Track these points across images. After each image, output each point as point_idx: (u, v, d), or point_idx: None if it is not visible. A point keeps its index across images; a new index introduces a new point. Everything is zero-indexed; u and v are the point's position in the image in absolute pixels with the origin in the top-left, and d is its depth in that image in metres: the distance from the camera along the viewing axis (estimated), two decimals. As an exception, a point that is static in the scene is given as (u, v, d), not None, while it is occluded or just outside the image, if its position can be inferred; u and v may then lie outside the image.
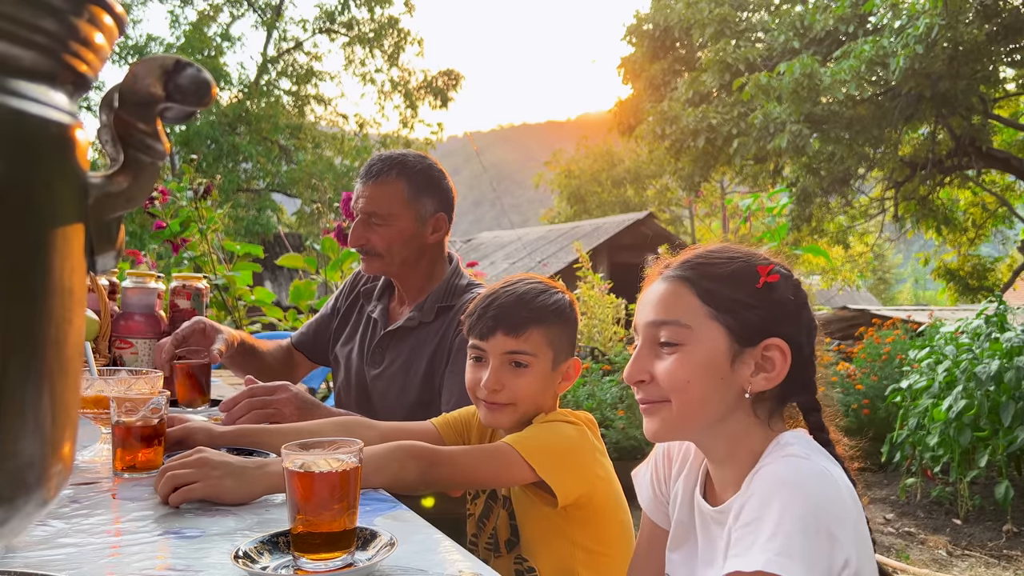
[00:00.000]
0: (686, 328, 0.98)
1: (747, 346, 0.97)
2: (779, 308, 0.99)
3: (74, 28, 0.43)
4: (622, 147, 25.65)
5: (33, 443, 0.42)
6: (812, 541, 0.82)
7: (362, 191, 1.81)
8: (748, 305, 0.98)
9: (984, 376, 4.22)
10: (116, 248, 0.50)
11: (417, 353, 1.81)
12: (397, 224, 1.79)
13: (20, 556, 0.88)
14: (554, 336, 1.34)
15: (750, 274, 0.99)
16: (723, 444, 1.00)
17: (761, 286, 0.98)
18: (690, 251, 1.05)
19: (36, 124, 0.42)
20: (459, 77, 19.38)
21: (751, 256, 1.02)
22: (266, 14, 18.52)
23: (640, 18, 13.20)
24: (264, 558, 0.89)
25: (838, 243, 12.95)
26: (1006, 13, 8.88)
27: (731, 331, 0.97)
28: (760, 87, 9.62)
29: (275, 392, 1.54)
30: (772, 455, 0.94)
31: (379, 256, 1.81)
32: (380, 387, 1.85)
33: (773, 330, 0.97)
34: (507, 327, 1.32)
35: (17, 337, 0.41)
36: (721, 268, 1.00)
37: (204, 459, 1.12)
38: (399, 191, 1.79)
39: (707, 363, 0.97)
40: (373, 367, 1.88)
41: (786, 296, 1.00)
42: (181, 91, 0.48)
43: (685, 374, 0.97)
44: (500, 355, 1.32)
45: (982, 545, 4.13)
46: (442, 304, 1.83)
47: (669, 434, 1.02)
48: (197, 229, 3.75)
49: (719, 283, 0.99)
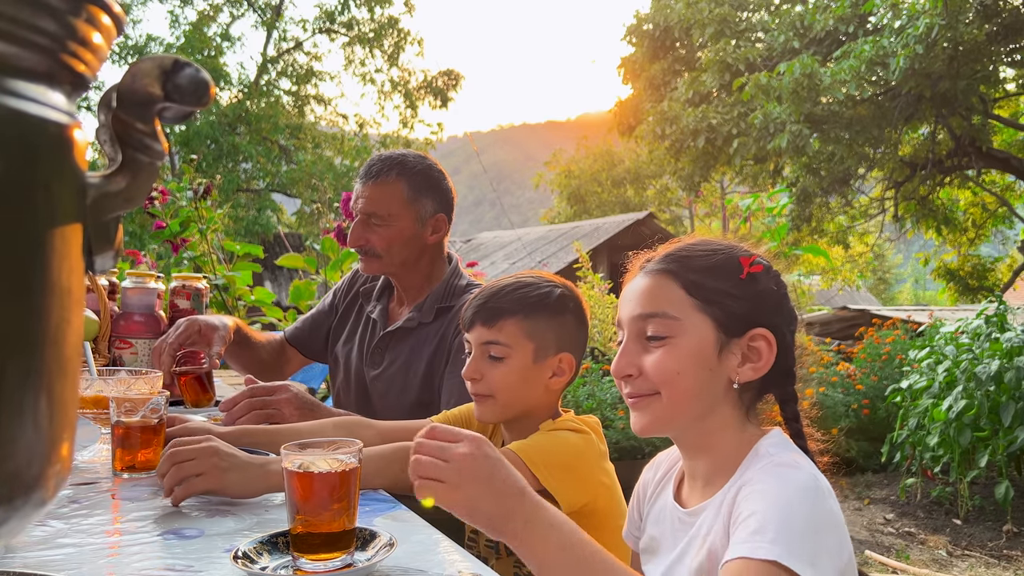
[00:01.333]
0: (674, 320, 0.98)
1: (733, 337, 0.98)
2: (763, 298, 1.00)
3: (72, 28, 0.43)
4: (622, 147, 25.65)
5: (31, 444, 0.42)
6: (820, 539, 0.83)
7: (362, 191, 1.81)
8: (733, 296, 0.98)
9: (984, 376, 4.22)
10: (114, 248, 0.50)
11: (416, 354, 1.81)
12: (397, 224, 1.79)
13: (19, 556, 0.88)
14: (534, 328, 1.32)
15: (733, 265, 1.00)
16: (704, 437, 1.00)
17: (745, 276, 0.99)
18: (671, 244, 1.06)
19: (34, 124, 0.42)
20: (459, 77, 19.39)
21: (732, 248, 1.03)
22: (266, 14, 18.52)
23: (640, 18, 13.20)
24: (263, 558, 0.89)
25: (838, 243, 12.94)
26: (1006, 13, 8.88)
27: (718, 322, 0.97)
28: (760, 87, 9.62)
29: (275, 392, 1.54)
30: (758, 467, 0.93)
31: (378, 257, 1.81)
32: (380, 388, 1.84)
33: (758, 320, 0.98)
34: (483, 318, 1.33)
35: (15, 337, 0.41)
36: (704, 260, 1.01)
37: (213, 448, 1.12)
38: (399, 192, 1.79)
39: (696, 354, 0.97)
40: (373, 368, 1.87)
41: (769, 286, 1.01)
42: (179, 91, 0.48)
43: (675, 366, 0.97)
44: (479, 345, 1.33)
45: (982, 545, 4.13)
46: (441, 304, 1.82)
47: (658, 427, 1.01)
48: (197, 229, 3.74)
49: (703, 275, 0.99)
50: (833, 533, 0.85)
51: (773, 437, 0.98)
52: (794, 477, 0.88)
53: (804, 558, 0.80)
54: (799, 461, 0.92)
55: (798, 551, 0.80)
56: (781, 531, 0.82)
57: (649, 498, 1.14)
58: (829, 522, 0.86)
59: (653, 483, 1.14)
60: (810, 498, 0.86)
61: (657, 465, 1.16)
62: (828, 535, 0.84)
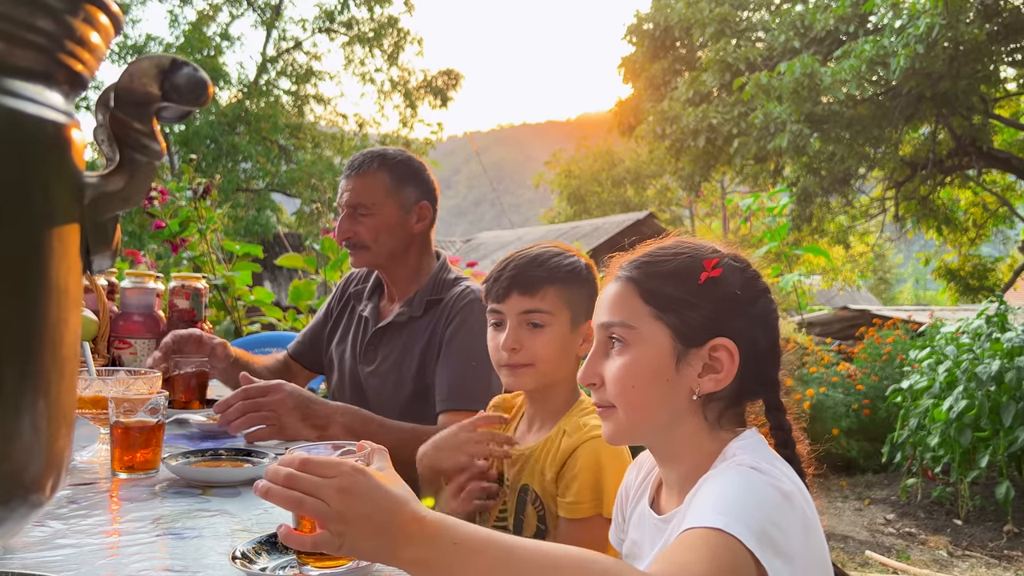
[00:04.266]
0: (630, 329, 0.95)
1: (692, 346, 0.93)
2: (725, 304, 0.94)
3: (70, 27, 0.43)
4: (622, 147, 25.64)
5: (28, 444, 0.42)
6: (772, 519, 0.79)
7: (346, 186, 1.85)
8: (690, 303, 0.94)
9: (985, 376, 4.22)
10: (112, 248, 0.49)
11: (409, 348, 1.82)
12: (382, 213, 1.83)
13: (18, 557, 0.88)
14: (571, 296, 1.35)
15: (694, 269, 0.95)
16: (674, 446, 0.98)
17: (703, 282, 0.94)
18: (643, 247, 1.02)
19: (32, 124, 0.42)
20: (459, 77, 19.37)
21: (698, 250, 0.98)
22: (265, 14, 18.50)
23: (640, 18, 13.20)
24: (262, 559, 0.89)
25: (839, 243, 12.95)
26: (1006, 13, 8.88)
27: (675, 331, 0.94)
28: (760, 87, 9.61)
29: (269, 392, 1.53)
30: (720, 467, 0.90)
31: (366, 248, 1.84)
32: (374, 384, 1.85)
33: (719, 328, 0.93)
34: (522, 287, 1.33)
35: (12, 337, 0.41)
36: (664, 266, 0.97)
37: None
38: (381, 181, 1.83)
39: (651, 366, 0.94)
40: (366, 365, 1.88)
41: (731, 291, 0.94)
42: (177, 90, 0.48)
43: (630, 378, 0.94)
44: (517, 315, 1.34)
45: (983, 545, 4.13)
46: (431, 298, 1.84)
47: (621, 438, 1.00)
48: (196, 229, 3.74)
49: (662, 281, 0.96)
50: (793, 526, 0.81)
51: (743, 439, 0.94)
52: (752, 476, 0.84)
53: (752, 529, 0.76)
54: (763, 466, 0.86)
55: (746, 520, 0.77)
56: (730, 505, 0.79)
57: (631, 500, 1.13)
58: (788, 513, 0.81)
59: (635, 486, 1.13)
60: (766, 490, 0.82)
61: (640, 465, 1.15)
62: (787, 524, 0.80)
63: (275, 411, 1.51)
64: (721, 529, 0.76)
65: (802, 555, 0.80)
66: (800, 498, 0.84)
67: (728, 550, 0.75)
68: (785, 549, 0.78)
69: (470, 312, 1.77)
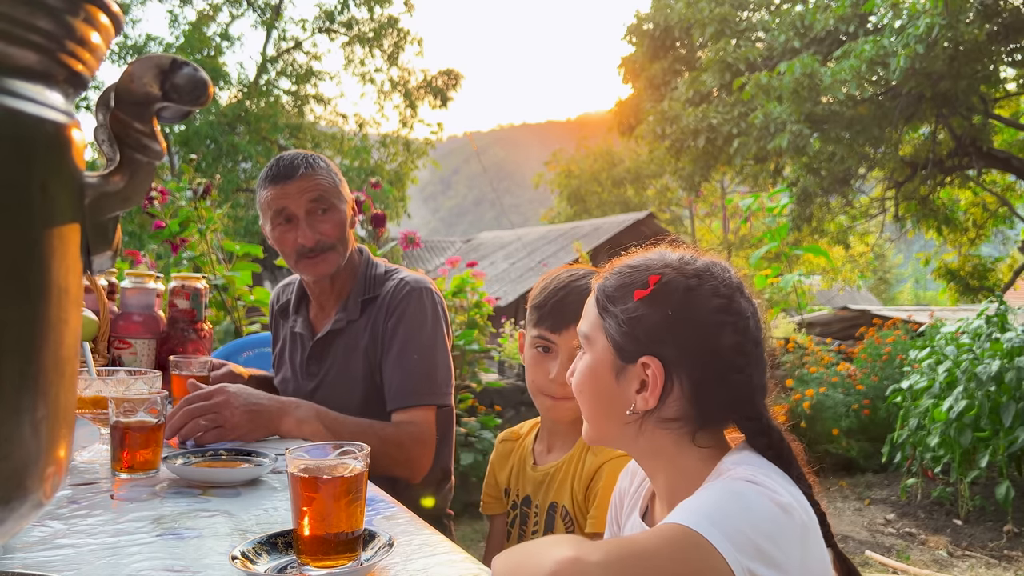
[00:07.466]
0: (586, 338, 1.00)
1: (628, 362, 0.94)
2: (656, 324, 0.92)
3: (70, 27, 0.43)
4: (622, 147, 25.65)
5: (28, 445, 0.42)
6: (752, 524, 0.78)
7: (291, 190, 1.74)
8: (623, 319, 0.94)
9: (985, 376, 4.22)
10: (112, 248, 0.49)
11: (353, 351, 1.80)
12: (341, 209, 1.80)
13: (18, 557, 0.88)
14: None
15: (635, 286, 0.94)
16: (644, 460, 1.00)
17: (637, 299, 0.93)
18: (626, 256, 1.02)
19: (32, 124, 0.42)
20: (459, 77, 19.36)
21: (648, 266, 0.96)
22: (265, 14, 18.50)
23: (640, 17, 13.20)
24: (262, 559, 0.89)
25: (839, 243, 12.95)
26: (1006, 13, 8.87)
27: (613, 345, 0.95)
28: (760, 87, 9.61)
29: (212, 397, 1.50)
30: (710, 481, 0.89)
31: (333, 248, 1.78)
32: (322, 396, 1.78)
33: (648, 348, 0.92)
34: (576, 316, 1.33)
35: (12, 337, 0.41)
36: (618, 278, 0.97)
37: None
38: (327, 178, 1.80)
39: (593, 375, 0.97)
40: (310, 380, 1.86)
41: (661, 313, 0.91)
42: (177, 90, 0.48)
43: (580, 383, 0.99)
44: (573, 349, 1.33)
45: (983, 545, 4.13)
46: (365, 297, 1.82)
47: (591, 441, 1.03)
48: (196, 229, 3.74)
49: (611, 295, 0.97)
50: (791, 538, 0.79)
51: (738, 453, 0.91)
52: (745, 488, 0.82)
53: (727, 533, 0.75)
54: (760, 478, 0.83)
55: (720, 523, 0.75)
56: (704, 510, 0.78)
57: (625, 508, 1.13)
58: (786, 525, 0.79)
59: (629, 494, 1.13)
60: (760, 502, 0.80)
61: (633, 473, 1.15)
62: (782, 536, 0.78)
63: (219, 413, 1.48)
64: (684, 524, 0.76)
65: (800, 567, 0.79)
66: (800, 511, 0.82)
67: (691, 544, 0.75)
68: (780, 561, 0.77)
69: (408, 305, 1.75)
